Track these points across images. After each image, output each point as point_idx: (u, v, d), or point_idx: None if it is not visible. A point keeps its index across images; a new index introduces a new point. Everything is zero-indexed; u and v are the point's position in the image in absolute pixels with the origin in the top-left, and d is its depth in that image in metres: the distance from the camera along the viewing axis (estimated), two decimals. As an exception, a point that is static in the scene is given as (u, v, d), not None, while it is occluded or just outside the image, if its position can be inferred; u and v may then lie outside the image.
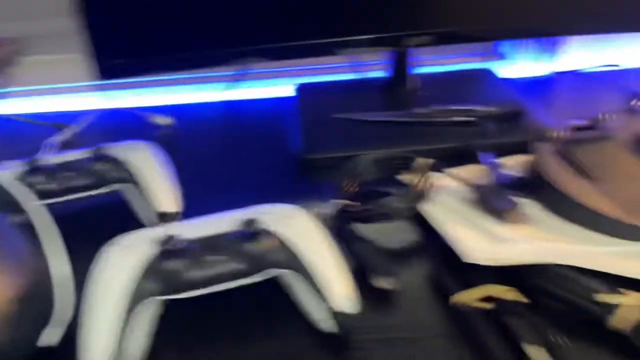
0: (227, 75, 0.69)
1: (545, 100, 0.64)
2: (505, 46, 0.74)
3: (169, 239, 0.33)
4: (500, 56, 0.74)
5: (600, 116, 0.57)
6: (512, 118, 0.54)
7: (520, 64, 0.72)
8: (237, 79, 0.68)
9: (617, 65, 0.67)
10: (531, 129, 0.53)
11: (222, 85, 0.69)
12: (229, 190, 0.50)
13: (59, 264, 0.33)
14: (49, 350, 0.33)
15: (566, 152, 0.46)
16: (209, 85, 0.71)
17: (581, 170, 0.45)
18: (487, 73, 0.67)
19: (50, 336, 0.33)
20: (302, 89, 0.64)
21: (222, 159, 0.55)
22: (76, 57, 0.62)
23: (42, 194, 0.42)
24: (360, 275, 0.38)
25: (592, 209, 0.40)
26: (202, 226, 0.36)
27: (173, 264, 0.33)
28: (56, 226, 0.34)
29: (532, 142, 0.47)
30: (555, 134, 0.51)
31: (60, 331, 0.33)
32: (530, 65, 0.72)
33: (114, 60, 0.51)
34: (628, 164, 0.45)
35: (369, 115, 0.57)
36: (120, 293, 0.32)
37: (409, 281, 0.38)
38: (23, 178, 0.42)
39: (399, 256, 0.41)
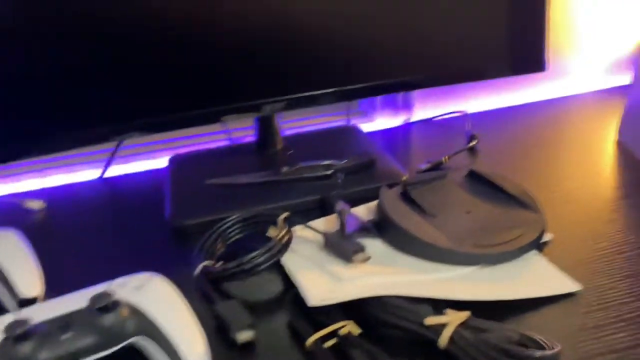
0: (102, 152, 0.70)
1: (399, 149, 0.71)
2: (366, 103, 0.82)
3: (19, 323, 0.34)
4: (363, 113, 0.82)
5: (443, 158, 0.65)
6: (366, 168, 0.60)
7: (380, 118, 0.80)
8: (112, 155, 0.69)
9: (461, 112, 0.77)
10: (382, 176, 0.59)
11: (98, 162, 0.70)
12: (104, 265, 0.51)
13: None
14: None
15: (409, 193, 0.52)
16: (83, 164, 0.71)
17: (420, 209, 0.50)
18: (351, 129, 0.73)
19: None
20: (174, 159, 0.67)
21: (98, 236, 0.56)
22: None
23: None
24: (223, 332, 0.40)
25: (425, 241, 0.45)
26: (55, 306, 0.36)
27: (23, 348, 0.33)
28: None
29: (380, 188, 0.53)
30: (402, 178, 0.57)
31: None
32: (388, 118, 0.80)
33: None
34: (459, 198, 0.52)
35: (239, 178, 0.60)
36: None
37: (269, 331, 0.41)
38: None
39: (263, 308, 0.43)
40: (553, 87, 0.83)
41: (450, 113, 0.77)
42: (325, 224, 0.51)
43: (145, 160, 0.73)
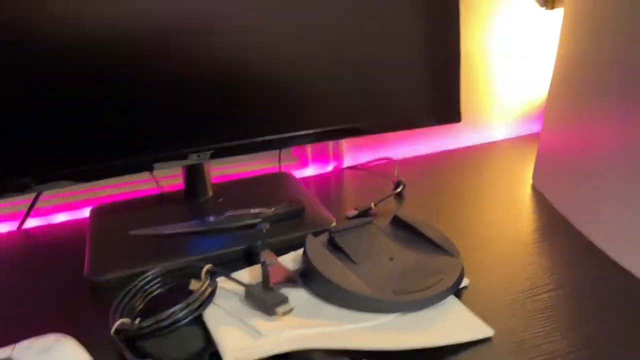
0: (20, 203, 0.67)
1: (330, 195, 0.72)
2: (298, 149, 0.83)
3: None
4: (295, 158, 0.83)
5: (371, 205, 0.66)
6: (294, 216, 0.61)
7: (312, 164, 0.82)
8: (31, 205, 0.66)
9: (388, 158, 0.79)
10: (310, 224, 0.59)
11: (16, 213, 0.67)
12: (16, 325, 0.48)
13: None
14: None
15: (335, 241, 0.53)
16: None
17: (346, 256, 0.51)
18: (283, 176, 0.74)
19: None
20: (96, 210, 0.65)
21: (12, 293, 0.53)
22: None
23: None
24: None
25: (347, 290, 0.45)
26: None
27: None
28: None
29: (306, 236, 0.53)
30: (330, 225, 0.58)
31: None
32: (320, 165, 0.82)
33: None
34: (383, 245, 0.53)
35: (164, 229, 0.59)
36: None
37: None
38: None
39: (182, 366, 0.42)
40: (474, 135, 0.88)
41: (378, 160, 0.80)
42: (250, 274, 0.51)
43: (67, 211, 0.71)
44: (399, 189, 0.70)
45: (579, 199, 0.60)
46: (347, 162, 0.82)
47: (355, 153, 0.82)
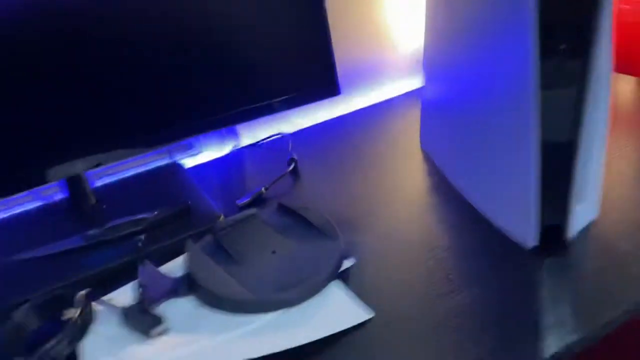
0: None
1: (223, 181, 0.70)
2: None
3: None
4: (187, 146, 0.80)
5: (262, 189, 0.65)
6: (180, 217, 0.59)
7: (206, 149, 0.79)
8: None
9: (281, 134, 0.78)
10: (196, 223, 0.58)
11: None
12: None
13: None
14: None
15: (218, 241, 0.52)
16: None
17: (229, 256, 0.50)
18: (171, 169, 0.71)
19: None
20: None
21: None
22: None
23: None
24: None
25: (226, 296, 0.45)
26: None
27: None
28: None
29: (187, 240, 0.52)
30: (215, 223, 0.57)
31: None
32: (215, 148, 0.79)
33: None
34: (267, 238, 0.53)
35: (42, 250, 0.56)
36: None
37: None
38: None
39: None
40: (365, 98, 0.88)
41: (273, 136, 0.78)
42: (122, 296, 0.49)
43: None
44: (290, 167, 0.69)
45: (453, 158, 0.61)
46: (244, 141, 0.80)
47: (251, 130, 0.80)
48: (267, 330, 0.43)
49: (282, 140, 0.77)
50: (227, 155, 0.78)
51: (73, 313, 0.45)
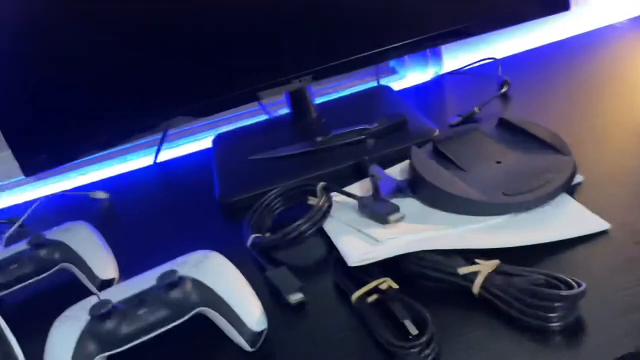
0: (152, 140, 0.75)
1: (431, 103, 0.72)
2: (395, 60, 0.82)
3: (102, 304, 0.39)
4: (393, 71, 0.83)
5: (474, 109, 0.66)
6: (397, 129, 0.62)
7: (410, 74, 0.81)
8: (161, 141, 0.74)
9: (492, 58, 0.76)
10: (413, 135, 0.61)
11: (149, 150, 0.76)
12: (164, 246, 0.56)
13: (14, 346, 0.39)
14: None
15: (440, 150, 0.54)
16: (137, 152, 0.77)
17: (452, 164, 0.52)
18: (382, 90, 0.75)
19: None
20: (217, 139, 0.71)
21: (156, 218, 0.62)
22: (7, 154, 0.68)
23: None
24: (276, 296, 0.45)
25: (457, 195, 0.47)
26: (129, 287, 0.42)
27: (107, 325, 0.39)
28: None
29: (411, 147, 0.55)
30: (433, 135, 0.59)
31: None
32: (419, 73, 0.81)
33: (36, 157, 0.57)
34: (490, 149, 0.53)
35: (278, 152, 0.64)
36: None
37: (318, 291, 0.45)
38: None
39: (310, 272, 0.48)
40: (578, 23, 0.81)
41: (480, 61, 0.77)
42: (361, 188, 0.54)
43: (192, 142, 0.78)
44: (503, 90, 0.68)
45: None
46: (448, 66, 0.80)
47: (455, 56, 0.80)
48: (497, 229, 0.45)
49: (489, 66, 0.75)
50: (431, 80, 0.79)
51: (315, 200, 0.51)
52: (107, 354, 0.39)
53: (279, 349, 0.41)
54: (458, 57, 0.80)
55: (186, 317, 0.41)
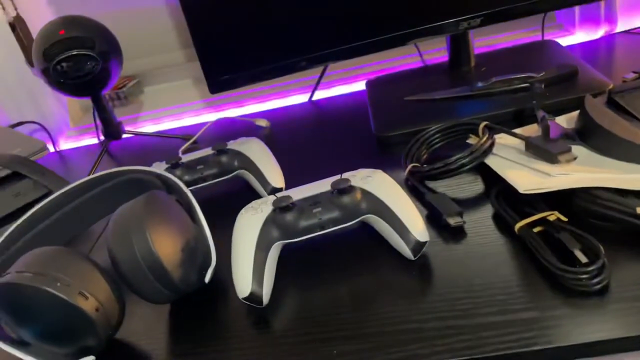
0: (308, 79, 0.80)
1: (602, 61, 0.68)
2: (564, 16, 0.78)
3: (284, 198, 0.44)
4: (560, 26, 0.79)
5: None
6: (567, 79, 0.60)
7: (579, 31, 0.77)
8: (319, 80, 0.79)
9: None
10: (585, 86, 0.58)
11: (304, 94, 0.81)
12: (320, 168, 0.61)
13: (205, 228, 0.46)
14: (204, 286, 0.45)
15: (615, 101, 0.52)
16: (295, 90, 0.83)
17: (629, 115, 0.50)
18: (548, 43, 0.72)
19: (207, 275, 0.44)
20: (371, 82, 0.74)
21: (313, 147, 0.66)
22: (188, 82, 0.76)
23: (184, 183, 0.55)
24: (434, 220, 0.47)
25: (635, 143, 0.45)
26: (305, 190, 0.46)
27: (287, 217, 0.44)
28: (198, 203, 0.47)
29: (583, 96, 0.53)
30: (607, 88, 0.56)
31: (210, 272, 0.45)
32: (588, 31, 0.76)
33: (221, 76, 0.64)
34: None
35: (434, 94, 0.65)
36: (251, 241, 0.43)
37: (476, 220, 0.46)
38: (169, 171, 0.56)
39: (468, 202, 0.49)
40: None
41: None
42: (524, 132, 0.54)
43: (345, 85, 0.82)
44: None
45: None
46: (622, 26, 0.75)
47: (631, 16, 0.74)
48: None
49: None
50: (602, 38, 0.74)
51: (476, 139, 0.52)
52: (286, 242, 0.45)
53: (437, 264, 0.43)
54: (634, 17, 0.74)
55: (355, 221, 0.45)
